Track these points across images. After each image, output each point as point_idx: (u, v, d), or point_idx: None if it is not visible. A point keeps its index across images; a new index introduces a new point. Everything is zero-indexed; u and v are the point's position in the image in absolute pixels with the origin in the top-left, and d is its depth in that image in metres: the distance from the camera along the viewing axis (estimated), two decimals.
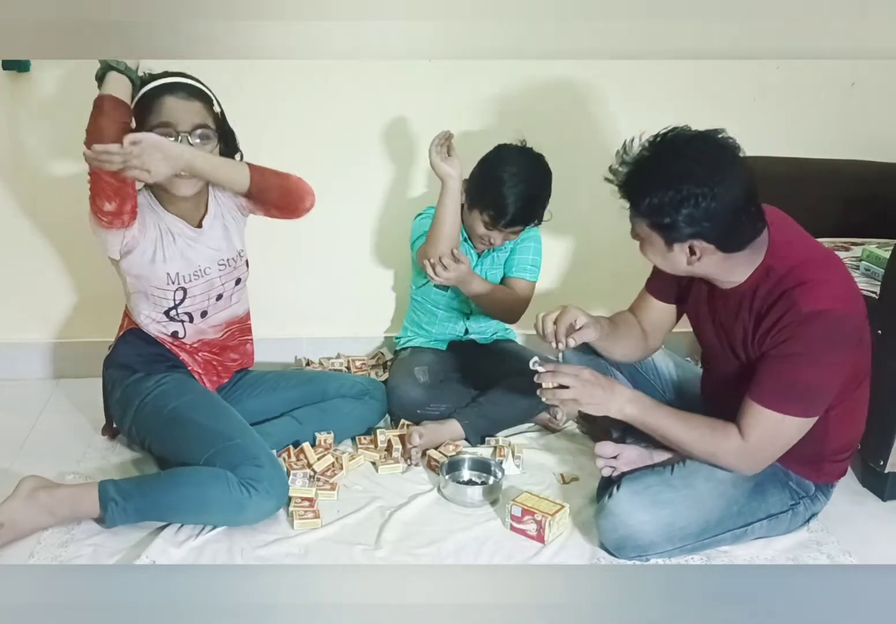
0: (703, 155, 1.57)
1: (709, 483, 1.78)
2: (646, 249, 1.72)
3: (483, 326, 2.48)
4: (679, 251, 1.65)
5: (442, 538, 1.88)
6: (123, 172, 1.77)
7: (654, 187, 1.58)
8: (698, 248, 1.63)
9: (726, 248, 1.64)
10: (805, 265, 1.66)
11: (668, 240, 1.64)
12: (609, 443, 1.90)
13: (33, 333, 2.59)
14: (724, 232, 1.60)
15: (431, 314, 2.46)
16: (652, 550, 1.78)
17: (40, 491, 1.81)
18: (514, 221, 2.21)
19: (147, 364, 2.04)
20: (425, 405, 2.27)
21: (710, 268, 1.69)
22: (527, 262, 2.37)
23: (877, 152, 2.62)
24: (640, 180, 1.62)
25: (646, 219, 1.63)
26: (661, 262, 1.72)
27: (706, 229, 1.59)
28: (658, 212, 1.59)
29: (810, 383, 1.66)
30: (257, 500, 1.81)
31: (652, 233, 1.65)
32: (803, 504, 1.85)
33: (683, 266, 1.69)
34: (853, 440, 1.89)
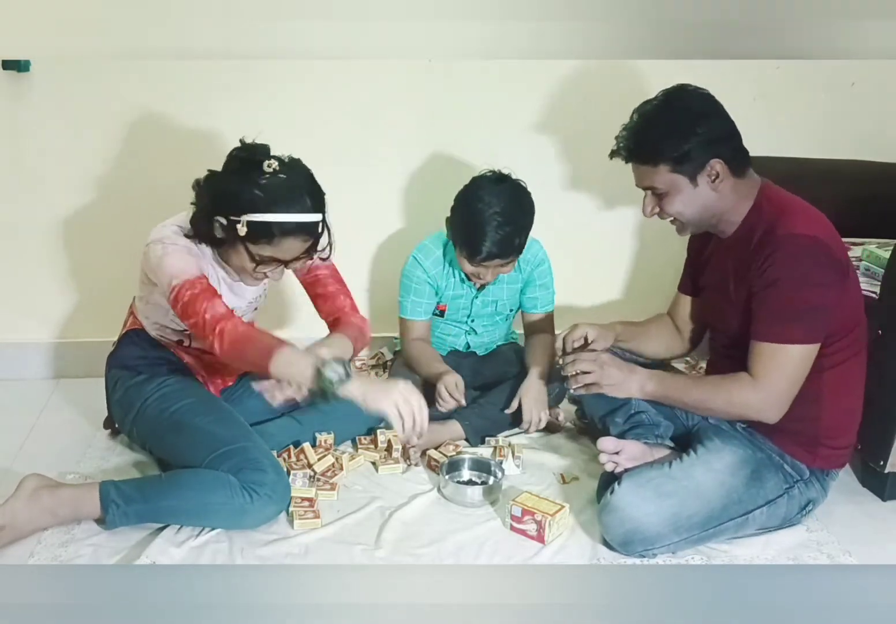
0: (691, 93, 1.78)
1: (708, 474, 1.81)
2: (670, 202, 1.80)
3: (486, 341, 2.48)
4: (703, 183, 1.76)
5: (442, 538, 1.88)
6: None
7: (661, 128, 1.75)
8: (719, 169, 1.74)
9: (735, 169, 1.77)
10: (787, 203, 1.78)
11: (691, 172, 1.75)
12: (611, 438, 1.91)
13: (33, 333, 2.59)
14: (731, 149, 1.76)
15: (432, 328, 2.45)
16: (659, 543, 1.79)
17: (42, 491, 1.81)
18: (492, 257, 2.14)
19: (150, 366, 2.04)
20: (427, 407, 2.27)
21: (725, 197, 1.78)
22: (549, 296, 2.39)
23: (877, 152, 2.62)
24: (646, 130, 1.77)
25: (667, 162, 1.75)
26: (690, 204, 1.80)
27: (719, 145, 1.74)
28: (676, 143, 1.73)
29: (798, 306, 1.70)
30: (259, 505, 1.81)
31: (675, 177, 1.76)
32: (798, 488, 1.86)
33: (710, 197, 1.78)
34: (848, 423, 1.89)
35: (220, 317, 1.76)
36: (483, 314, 2.42)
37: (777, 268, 1.70)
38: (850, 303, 1.79)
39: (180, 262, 1.81)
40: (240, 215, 1.74)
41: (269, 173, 1.74)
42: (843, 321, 1.78)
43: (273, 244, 1.78)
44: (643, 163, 1.79)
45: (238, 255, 1.83)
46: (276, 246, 1.78)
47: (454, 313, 2.40)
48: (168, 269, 1.81)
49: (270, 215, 1.74)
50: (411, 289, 2.33)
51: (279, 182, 1.74)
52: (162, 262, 1.81)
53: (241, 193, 1.74)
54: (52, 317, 2.59)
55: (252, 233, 1.75)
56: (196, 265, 1.83)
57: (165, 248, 1.82)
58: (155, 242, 1.85)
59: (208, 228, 1.81)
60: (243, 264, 1.84)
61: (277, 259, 1.82)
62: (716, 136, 1.74)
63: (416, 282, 2.32)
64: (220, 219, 1.78)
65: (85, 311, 2.58)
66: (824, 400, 1.81)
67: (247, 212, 1.73)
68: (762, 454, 1.85)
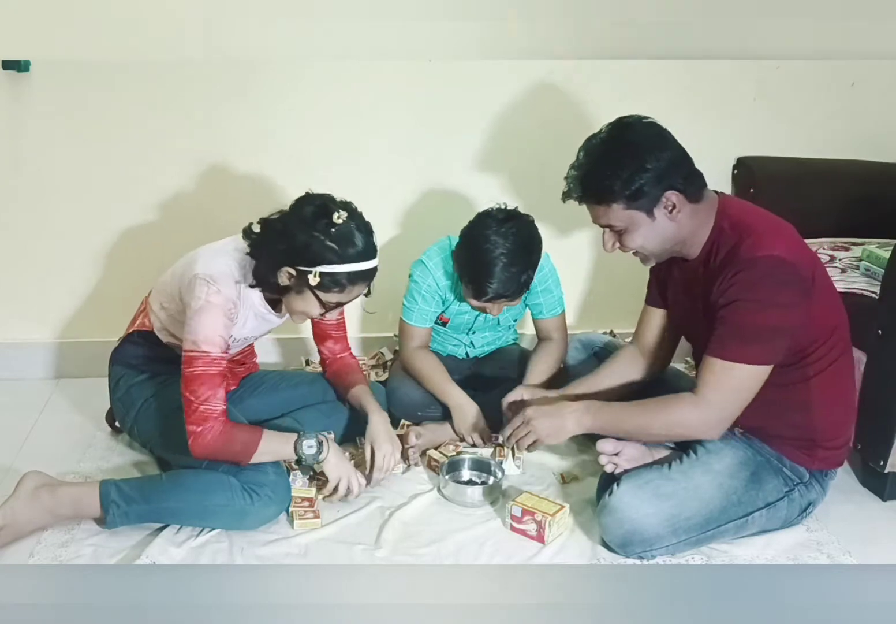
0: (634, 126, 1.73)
1: (707, 475, 1.81)
2: (630, 237, 1.76)
3: (486, 349, 2.48)
4: (660, 215, 1.73)
5: (442, 538, 1.88)
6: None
7: (610, 167, 1.69)
8: (674, 200, 1.71)
9: (691, 197, 1.73)
10: (748, 220, 1.74)
11: (647, 207, 1.71)
12: (610, 440, 1.91)
13: (33, 333, 2.59)
14: (684, 177, 1.71)
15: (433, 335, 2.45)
16: (658, 544, 1.78)
17: (42, 490, 1.81)
18: (498, 297, 2.11)
19: (153, 365, 2.03)
20: (426, 407, 2.27)
21: (685, 225, 1.75)
22: (553, 300, 2.34)
23: (877, 152, 2.62)
24: (595, 171, 1.72)
25: (620, 200, 1.71)
26: (650, 237, 1.76)
27: (671, 177, 1.69)
28: (627, 182, 1.68)
29: (757, 326, 1.68)
30: (259, 506, 1.82)
31: (631, 213, 1.72)
32: (798, 491, 1.86)
33: (669, 229, 1.74)
34: (844, 422, 1.89)
35: (212, 415, 1.78)
36: (484, 327, 2.41)
37: (738, 289, 1.67)
38: (822, 311, 1.75)
39: (214, 327, 1.81)
40: (312, 266, 1.76)
41: (340, 225, 1.76)
42: (817, 330, 1.75)
43: (344, 291, 1.82)
44: (597, 203, 1.75)
45: (303, 301, 1.85)
46: (345, 293, 1.83)
47: (456, 326, 2.39)
48: (197, 328, 1.80)
49: (344, 266, 1.77)
50: (420, 295, 2.28)
51: (348, 231, 1.77)
52: (198, 316, 1.80)
53: (313, 246, 1.75)
54: (53, 317, 2.59)
55: (324, 284, 1.79)
56: (225, 334, 1.83)
57: (209, 297, 1.81)
58: (204, 279, 1.82)
59: (273, 278, 1.83)
60: (307, 310, 1.87)
61: (342, 302, 1.87)
62: (666, 167, 1.69)
63: (426, 289, 2.27)
64: (289, 270, 1.79)
65: (85, 311, 2.58)
66: (816, 406, 1.80)
67: (320, 263, 1.76)
68: (761, 457, 1.85)
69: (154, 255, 2.47)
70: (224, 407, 1.81)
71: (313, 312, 1.87)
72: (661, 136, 1.73)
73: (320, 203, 1.79)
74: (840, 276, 2.23)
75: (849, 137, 2.67)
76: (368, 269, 1.81)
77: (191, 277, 1.84)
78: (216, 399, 1.79)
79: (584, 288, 2.79)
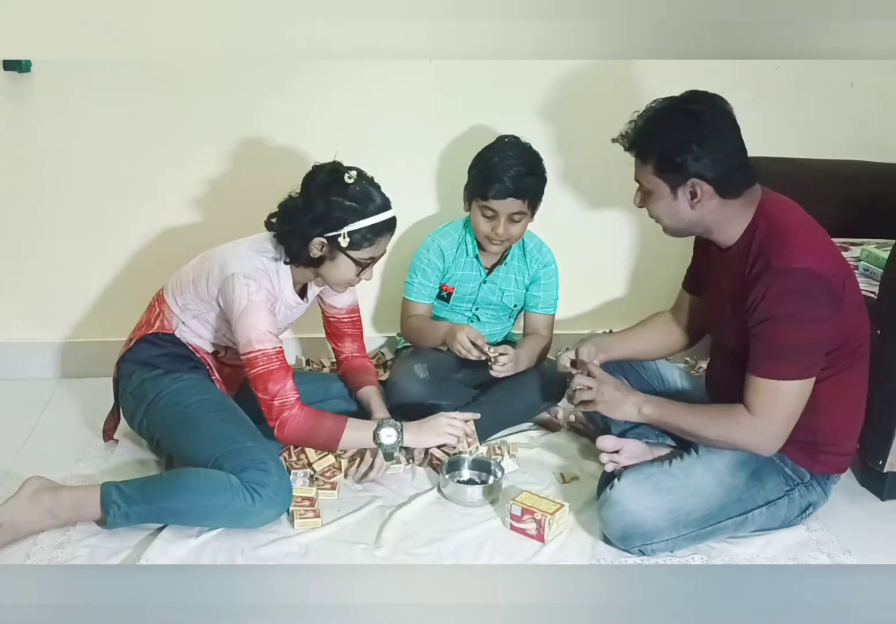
0: (704, 106, 1.73)
1: (708, 472, 1.81)
2: (652, 203, 1.81)
3: (488, 331, 2.48)
4: (682, 197, 1.75)
5: (442, 537, 1.89)
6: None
7: (660, 129, 1.74)
8: (699, 190, 1.72)
9: (723, 192, 1.73)
10: (786, 226, 1.73)
11: (672, 183, 1.74)
12: (611, 437, 1.91)
13: (34, 333, 2.59)
14: (721, 172, 1.71)
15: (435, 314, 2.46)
16: (658, 538, 1.79)
17: (44, 493, 1.82)
18: (506, 193, 2.20)
19: (168, 363, 2.03)
20: (425, 400, 2.28)
21: (709, 215, 1.77)
22: (551, 298, 2.44)
23: (877, 152, 2.62)
24: (647, 126, 1.76)
25: (652, 163, 1.75)
26: (667, 212, 1.80)
27: (706, 167, 1.70)
28: (664, 151, 1.72)
29: (793, 342, 1.69)
30: (261, 506, 1.82)
31: (658, 181, 1.76)
32: (798, 491, 1.86)
33: (687, 213, 1.77)
34: (849, 430, 1.89)
35: (288, 405, 1.88)
36: (489, 302, 2.43)
37: (771, 304, 1.68)
38: (848, 323, 1.76)
39: (262, 325, 1.89)
40: (339, 229, 1.88)
41: (353, 183, 1.89)
42: (840, 339, 1.76)
43: (374, 245, 1.94)
44: (636, 155, 1.79)
45: (339, 267, 1.95)
46: (375, 246, 1.94)
47: (460, 298, 2.42)
48: (248, 329, 1.89)
49: (368, 220, 1.90)
50: (420, 269, 2.40)
51: (362, 189, 1.91)
52: (245, 317, 1.89)
53: (335, 210, 1.88)
54: (54, 317, 2.59)
55: (354, 242, 1.90)
56: (273, 329, 1.92)
57: (252, 296, 1.89)
58: (243, 277, 1.90)
59: (306, 252, 1.92)
60: (344, 275, 1.97)
61: (375, 257, 1.97)
62: (707, 157, 1.70)
63: (425, 263, 2.39)
64: (319, 240, 1.90)
65: (87, 311, 2.58)
66: (822, 408, 1.80)
67: (346, 224, 1.88)
68: (763, 456, 1.84)
69: (155, 254, 2.48)
70: (297, 395, 1.90)
71: (350, 274, 1.96)
72: (724, 127, 1.72)
73: (330, 169, 1.92)
74: None
75: (848, 137, 2.67)
76: (390, 218, 1.94)
77: (227, 277, 1.91)
78: (286, 390, 1.89)
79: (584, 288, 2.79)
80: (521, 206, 2.24)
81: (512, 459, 2.17)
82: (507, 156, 2.23)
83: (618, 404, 1.88)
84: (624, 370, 2.14)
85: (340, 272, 1.96)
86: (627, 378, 2.13)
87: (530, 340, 2.41)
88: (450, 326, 2.28)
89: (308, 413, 1.90)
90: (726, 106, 1.75)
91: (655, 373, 2.18)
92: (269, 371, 1.87)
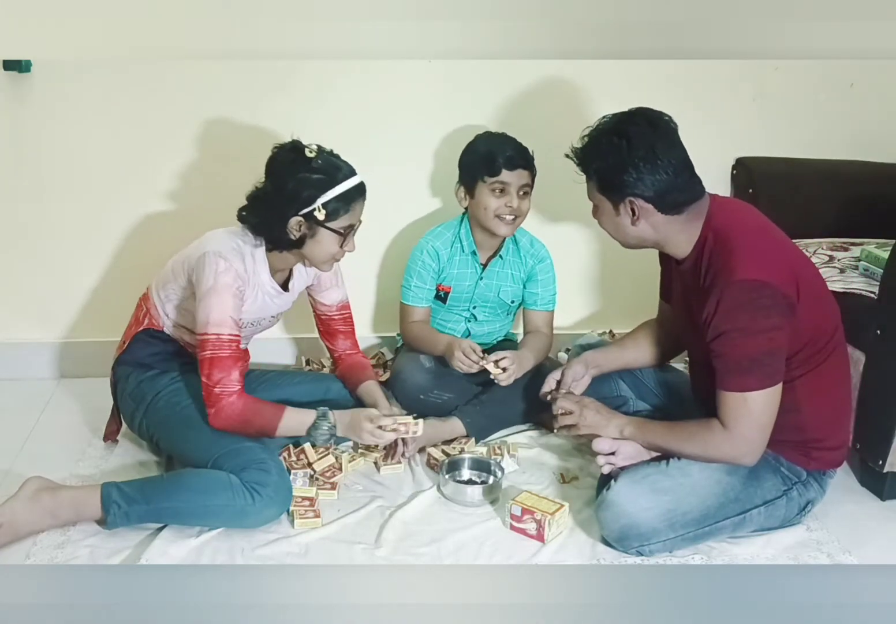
0: (642, 127, 1.74)
1: (704, 472, 1.82)
2: (600, 218, 1.87)
3: (486, 330, 2.48)
4: (624, 214, 1.79)
5: (442, 537, 1.89)
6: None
7: (601, 148, 1.77)
8: (638, 208, 1.76)
9: (663, 209, 1.76)
10: (733, 237, 1.74)
11: (613, 201, 1.79)
12: (606, 439, 1.91)
13: (33, 333, 2.59)
14: (658, 191, 1.74)
15: (433, 314, 2.46)
16: (655, 539, 1.79)
17: (43, 493, 1.82)
18: (514, 163, 2.24)
19: (164, 362, 2.04)
20: (429, 391, 2.28)
21: (654, 230, 1.80)
22: (548, 295, 2.44)
23: (876, 152, 2.62)
24: (587, 146, 1.81)
25: (594, 181, 1.81)
26: (612, 226, 1.85)
27: (643, 187, 1.73)
28: (600, 171, 1.78)
29: (749, 355, 1.71)
30: (260, 506, 1.82)
31: (601, 198, 1.81)
32: (796, 490, 1.86)
33: (631, 228, 1.81)
34: (836, 423, 1.89)
35: (227, 394, 1.88)
36: (485, 299, 2.43)
37: (721, 320, 1.70)
38: (809, 320, 1.75)
39: (223, 308, 1.89)
40: (313, 203, 1.88)
41: (315, 157, 1.89)
42: (805, 338, 1.76)
43: (350, 211, 1.93)
44: (582, 171, 1.83)
45: (321, 243, 1.94)
46: (351, 212, 1.94)
47: (457, 297, 2.42)
48: (208, 311, 1.88)
49: (338, 188, 1.89)
50: (415, 272, 2.39)
51: (325, 159, 1.91)
52: (208, 298, 1.89)
53: (305, 185, 1.88)
54: (53, 317, 2.59)
55: (330, 212, 1.90)
56: (235, 315, 1.91)
57: (219, 276, 1.89)
58: (214, 255, 1.91)
59: (286, 235, 1.92)
60: (328, 249, 1.95)
61: (353, 225, 1.96)
62: (645, 177, 1.72)
63: (420, 265, 2.38)
64: (296, 219, 1.90)
65: (86, 311, 2.58)
66: (803, 407, 1.80)
67: (318, 197, 1.88)
68: None
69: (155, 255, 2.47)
70: (240, 387, 1.89)
71: (334, 247, 1.95)
72: (662, 147, 1.72)
73: (290, 148, 1.92)
74: (839, 276, 2.23)
75: (848, 137, 2.67)
76: (359, 182, 1.94)
77: (201, 256, 1.92)
78: (230, 380, 1.88)
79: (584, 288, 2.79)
80: (528, 177, 2.28)
81: (512, 459, 2.17)
82: (499, 138, 2.30)
83: (600, 428, 1.91)
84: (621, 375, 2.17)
85: (324, 247, 1.94)
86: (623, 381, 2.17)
87: (532, 338, 2.41)
88: (448, 342, 2.26)
89: (246, 402, 1.90)
90: (670, 124, 1.76)
91: (651, 376, 2.19)
92: (217, 357, 1.87)
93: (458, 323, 2.47)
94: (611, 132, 1.76)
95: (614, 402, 2.14)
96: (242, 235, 1.98)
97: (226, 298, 1.89)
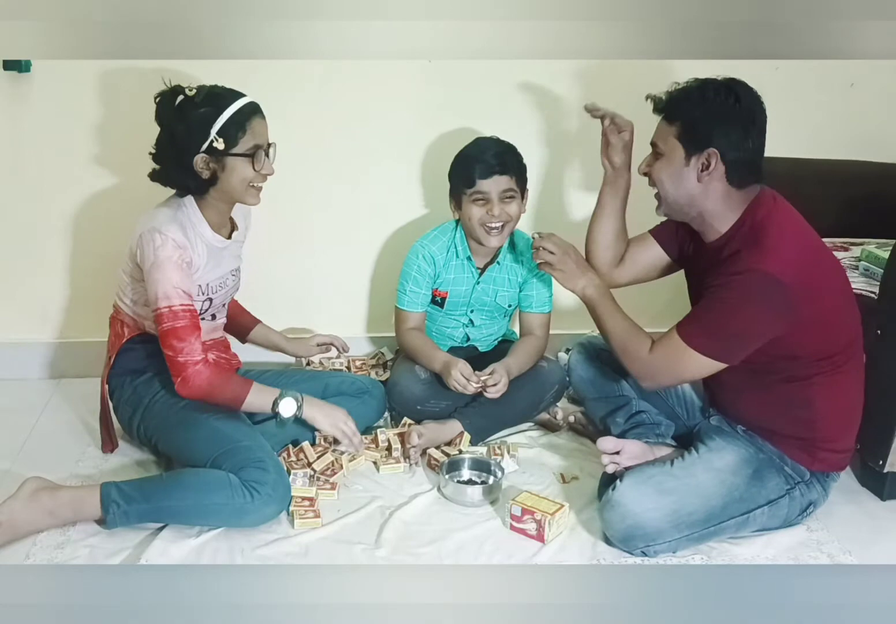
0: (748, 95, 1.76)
1: (709, 472, 1.82)
2: (661, 168, 1.81)
3: (484, 334, 2.48)
4: (694, 166, 1.76)
5: (442, 538, 1.89)
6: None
7: (702, 97, 1.75)
8: (713, 162, 1.74)
9: (731, 177, 1.76)
10: (768, 229, 1.74)
11: (690, 149, 1.75)
12: (611, 438, 1.91)
13: (33, 333, 2.59)
14: (738, 157, 1.74)
15: (430, 320, 2.46)
16: (660, 539, 1.79)
17: (43, 492, 1.82)
18: (492, 170, 2.20)
19: (154, 364, 2.03)
20: (425, 401, 2.28)
21: (706, 194, 1.78)
22: (544, 296, 2.40)
23: (877, 152, 2.62)
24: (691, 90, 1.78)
25: (679, 125, 1.76)
26: (672, 176, 1.80)
27: (728, 146, 1.73)
28: (699, 118, 1.74)
29: (724, 324, 1.73)
30: (259, 504, 1.82)
31: (676, 144, 1.77)
32: (799, 489, 1.86)
33: (692, 184, 1.77)
34: (846, 427, 1.90)
35: (192, 362, 1.89)
36: (483, 304, 2.42)
37: (725, 290, 1.71)
38: (831, 327, 1.77)
39: (169, 281, 1.88)
40: (208, 136, 1.86)
41: (196, 93, 1.88)
42: (844, 342, 1.78)
43: (248, 131, 1.90)
44: (666, 114, 1.80)
45: (234, 171, 1.91)
46: (251, 131, 1.90)
47: (454, 302, 2.40)
48: (155, 286, 1.89)
49: (226, 113, 1.87)
50: (410, 277, 2.36)
51: (206, 92, 1.89)
52: (152, 274, 1.89)
53: (193, 122, 1.86)
54: (52, 317, 2.59)
55: (229, 138, 1.87)
56: (184, 285, 1.90)
57: (157, 251, 1.88)
58: (148, 233, 1.90)
59: (197, 178, 1.91)
60: (244, 176, 1.92)
61: (259, 144, 1.93)
62: (734, 138, 1.73)
63: (415, 270, 2.35)
64: (200, 157, 1.88)
65: (85, 311, 2.58)
66: (817, 406, 1.81)
67: (210, 127, 1.86)
68: (763, 455, 1.86)
69: None
70: (203, 357, 1.91)
71: (248, 172, 1.92)
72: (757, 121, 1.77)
73: (168, 94, 1.90)
74: None
75: (848, 137, 2.67)
76: (249, 101, 1.92)
77: (137, 238, 1.92)
78: (192, 348, 1.89)
79: None
80: (510, 182, 2.23)
81: (512, 459, 2.17)
82: (481, 144, 2.27)
83: (571, 277, 1.98)
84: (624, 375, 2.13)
85: (238, 174, 1.91)
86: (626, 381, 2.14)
87: (522, 345, 2.37)
88: (444, 363, 2.24)
89: (214, 370, 1.92)
90: (763, 105, 1.78)
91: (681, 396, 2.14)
92: (174, 328, 1.87)
93: (456, 328, 2.46)
94: (720, 87, 1.75)
95: (617, 401, 2.14)
96: (170, 203, 1.97)
97: (169, 270, 1.88)
